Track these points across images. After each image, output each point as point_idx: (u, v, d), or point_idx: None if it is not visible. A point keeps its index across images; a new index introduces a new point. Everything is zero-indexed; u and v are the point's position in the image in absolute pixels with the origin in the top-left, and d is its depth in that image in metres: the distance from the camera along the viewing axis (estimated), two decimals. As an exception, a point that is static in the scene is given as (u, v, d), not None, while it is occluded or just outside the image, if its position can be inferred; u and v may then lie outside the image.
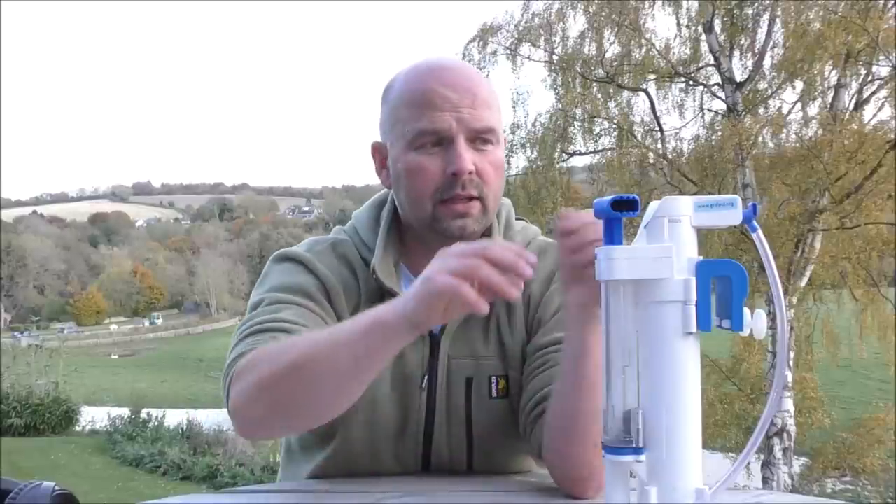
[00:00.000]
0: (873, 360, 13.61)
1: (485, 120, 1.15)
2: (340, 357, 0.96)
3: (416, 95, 1.15)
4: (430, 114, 1.13)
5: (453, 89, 1.14)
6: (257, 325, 1.13)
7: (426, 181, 1.15)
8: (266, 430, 1.09)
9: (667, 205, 0.74)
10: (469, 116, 1.14)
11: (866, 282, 10.73)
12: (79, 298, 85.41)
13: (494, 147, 1.17)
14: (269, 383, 1.01)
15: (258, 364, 1.03)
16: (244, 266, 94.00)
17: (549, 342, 1.20)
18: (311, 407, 1.02)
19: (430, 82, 1.15)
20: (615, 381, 0.74)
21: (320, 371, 0.97)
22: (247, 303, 1.25)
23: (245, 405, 1.04)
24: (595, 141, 11.81)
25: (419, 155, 1.15)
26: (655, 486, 0.71)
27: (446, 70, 1.17)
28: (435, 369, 1.22)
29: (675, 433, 0.71)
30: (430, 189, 1.15)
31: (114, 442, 13.77)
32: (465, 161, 1.13)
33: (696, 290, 0.71)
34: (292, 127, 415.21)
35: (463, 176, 1.13)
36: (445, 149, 1.14)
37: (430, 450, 1.24)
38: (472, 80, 1.17)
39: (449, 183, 1.14)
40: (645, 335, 0.73)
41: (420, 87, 1.16)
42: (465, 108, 1.13)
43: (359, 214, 1.32)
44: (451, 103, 1.13)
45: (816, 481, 10.82)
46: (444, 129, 1.13)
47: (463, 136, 1.14)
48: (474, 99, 1.14)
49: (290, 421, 1.07)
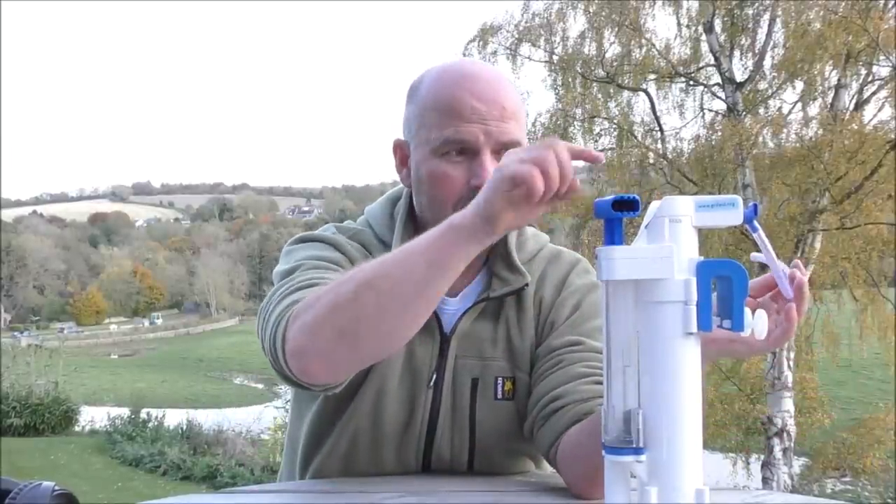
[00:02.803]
0: (873, 360, 13.62)
1: (511, 133, 1.14)
2: (416, 264, 0.94)
3: (445, 102, 1.15)
4: (457, 124, 1.13)
5: (483, 101, 1.13)
6: (301, 282, 1.10)
7: (448, 190, 1.15)
8: (334, 363, 1.02)
9: (667, 205, 0.74)
10: (496, 130, 1.13)
11: (866, 282, 10.72)
12: (79, 298, 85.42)
13: None
14: (341, 306, 0.97)
15: (322, 296, 0.99)
16: (244, 266, 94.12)
17: (562, 344, 1.20)
18: (384, 324, 0.97)
19: (461, 91, 1.14)
20: (615, 382, 0.74)
21: (395, 280, 0.95)
22: (247, 303, 1.25)
23: (311, 337, 0.99)
24: (595, 141, 11.80)
25: (443, 162, 1.15)
26: (656, 487, 0.71)
27: (477, 79, 1.16)
28: (443, 368, 1.22)
29: (676, 433, 0.71)
30: (453, 198, 1.14)
31: (114, 442, 13.76)
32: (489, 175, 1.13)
33: (697, 290, 0.71)
34: (292, 127, 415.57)
35: None
36: (470, 159, 1.14)
37: (431, 448, 1.24)
38: (503, 91, 1.16)
39: (471, 194, 1.14)
40: (645, 335, 0.73)
41: (450, 94, 1.15)
42: (493, 120, 1.13)
43: (372, 210, 1.32)
44: (479, 115, 1.13)
45: (816, 481, 10.81)
46: (470, 142, 1.13)
47: (489, 149, 1.13)
48: (503, 112, 1.14)
49: (361, 346, 0.99)
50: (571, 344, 1.19)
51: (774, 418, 10.16)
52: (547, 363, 1.20)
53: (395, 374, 1.20)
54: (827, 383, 13.20)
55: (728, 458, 11.48)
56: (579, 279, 1.28)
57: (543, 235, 1.35)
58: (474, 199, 0.93)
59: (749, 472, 11.47)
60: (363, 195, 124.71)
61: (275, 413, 14.04)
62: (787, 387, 10.24)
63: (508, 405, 1.23)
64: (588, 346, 1.19)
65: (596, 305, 1.24)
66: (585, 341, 1.20)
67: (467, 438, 1.23)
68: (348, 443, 1.23)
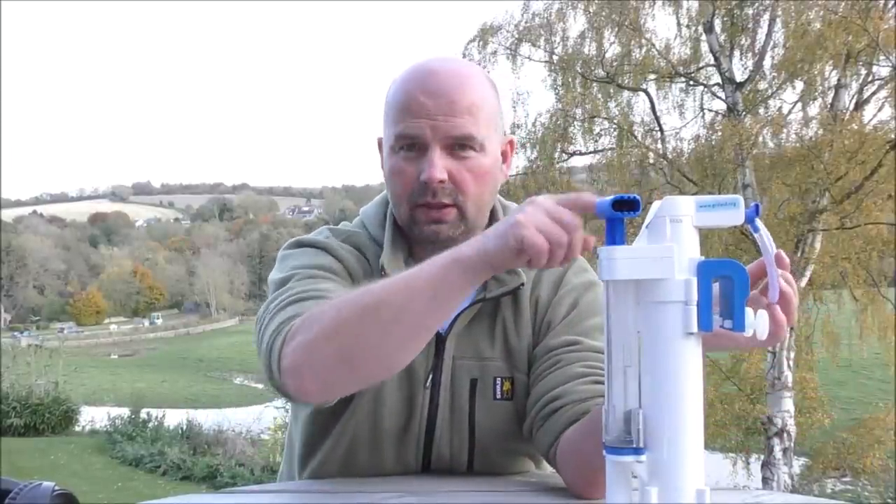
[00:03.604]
0: (873, 360, 13.62)
1: (462, 127, 1.14)
2: (418, 295, 0.95)
3: (399, 99, 1.17)
4: (407, 119, 1.15)
5: (431, 96, 1.14)
6: (298, 294, 1.11)
7: (403, 185, 1.17)
8: (330, 384, 1.03)
9: (668, 205, 0.74)
10: (445, 124, 1.14)
11: (866, 282, 10.73)
12: (79, 298, 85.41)
13: (477, 154, 1.16)
14: (341, 328, 0.98)
15: (323, 314, 1.00)
16: (244, 266, 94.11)
17: (560, 343, 1.20)
18: (384, 349, 0.98)
19: (412, 87, 1.16)
20: (616, 381, 0.74)
21: (397, 308, 0.96)
22: (247, 303, 1.25)
23: (309, 357, 1.00)
24: (595, 141, 11.81)
25: (397, 158, 1.17)
26: (657, 487, 0.71)
27: (431, 75, 1.16)
28: (439, 369, 1.22)
29: (677, 433, 0.71)
30: (406, 192, 1.17)
31: (114, 442, 13.76)
32: (434, 169, 1.13)
33: (698, 290, 0.71)
34: (292, 127, 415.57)
35: (433, 184, 1.14)
36: (421, 155, 1.15)
37: (430, 449, 1.24)
38: (456, 85, 1.15)
39: (421, 189, 1.15)
40: (646, 335, 0.72)
41: (403, 91, 1.17)
42: (440, 115, 1.13)
43: (367, 210, 1.33)
44: (426, 110, 1.14)
45: (816, 481, 10.82)
46: (418, 136, 1.14)
47: (438, 144, 1.14)
48: (452, 106, 1.14)
49: (359, 369, 1.01)
50: (569, 343, 1.19)
51: (774, 418, 10.16)
52: (545, 363, 1.20)
53: (392, 377, 1.20)
54: (827, 383, 13.19)
55: (728, 458, 11.48)
56: (576, 277, 1.27)
57: None
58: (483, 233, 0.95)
59: (749, 472, 11.47)
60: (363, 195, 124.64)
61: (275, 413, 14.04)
62: (787, 387, 10.24)
63: (507, 405, 1.22)
64: (586, 346, 1.19)
65: (593, 303, 1.24)
66: (583, 340, 1.19)
67: (467, 439, 1.23)
68: (347, 445, 1.23)
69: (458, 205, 1.16)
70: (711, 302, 0.71)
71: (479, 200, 1.19)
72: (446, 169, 1.14)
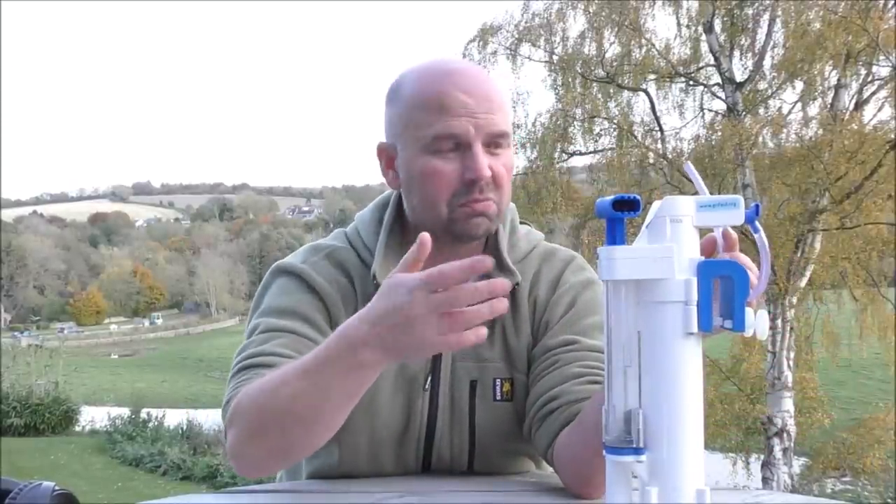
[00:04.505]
0: (873, 360, 13.63)
1: (500, 124, 1.15)
2: (327, 401, 0.99)
3: (432, 99, 1.15)
4: (446, 118, 1.13)
5: (470, 94, 1.14)
6: (248, 358, 1.16)
7: (443, 185, 1.15)
8: (266, 470, 1.13)
9: (668, 205, 0.74)
10: (486, 122, 1.14)
11: (866, 282, 10.73)
12: (79, 298, 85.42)
13: (506, 150, 1.18)
14: (260, 434, 1.05)
15: (245, 412, 1.06)
16: (244, 266, 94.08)
17: (558, 343, 1.20)
18: (306, 444, 1.07)
19: (446, 86, 1.15)
20: (616, 381, 0.74)
21: (309, 417, 1.01)
22: (247, 303, 1.26)
23: (241, 453, 1.08)
24: (595, 141, 11.82)
25: (435, 159, 1.15)
26: (657, 487, 0.71)
27: (462, 74, 1.17)
28: (438, 371, 1.22)
29: (676, 433, 0.71)
30: (447, 193, 1.15)
31: (114, 442, 13.77)
32: (484, 167, 1.13)
33: (698, 290, 0.71)
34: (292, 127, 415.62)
35: (481, 182, 1.14)
36: (462, 154, 1.14)
37: (430, 451, 1.24)
38: (487, 84, 1.17)
39: (466, 188, 1.14)
40: (646, 335, 0.72)
41: (436, 90, 1.15)
42: (481, 113, 1.14)
43: (362, 216, 1.32)
44: (468, 108, 1.13)
45: (816, 481, 10.82)
46: (461, 135, 1.13)
47: (480, 141, 1.14)
48: (490, 104, 1.15)
49: (289, 459, 1.13)
50: (567, 343, 1.19)
51: (774, 418, 10.17)
52: (543, 363, 1.20)
53: (388, 381, 1.20)
54: (827, 383, 13.19)
55: (728, 458, 11.48)
56: (574, 276, 1.27)
57: (537, 233, 1.34)
58: (378, 333, 0.92)
59: (749, 472, 11.47)
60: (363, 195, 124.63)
61: (275, 413, 14.03)
62: (787, 387, 10.25)
63: (507, 406, 1.22)
64: (584, 345, 1.18)
65: (591, 302, 1.24)
66: (581, 340, 1.19)
67: (467, 440, 1.23)
68: (346, 447, 1.22)
69: (496, 202, 1.17)
70: (711, 302, 0.71)
71: (509, 196, 1.21)
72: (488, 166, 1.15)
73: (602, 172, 12.05)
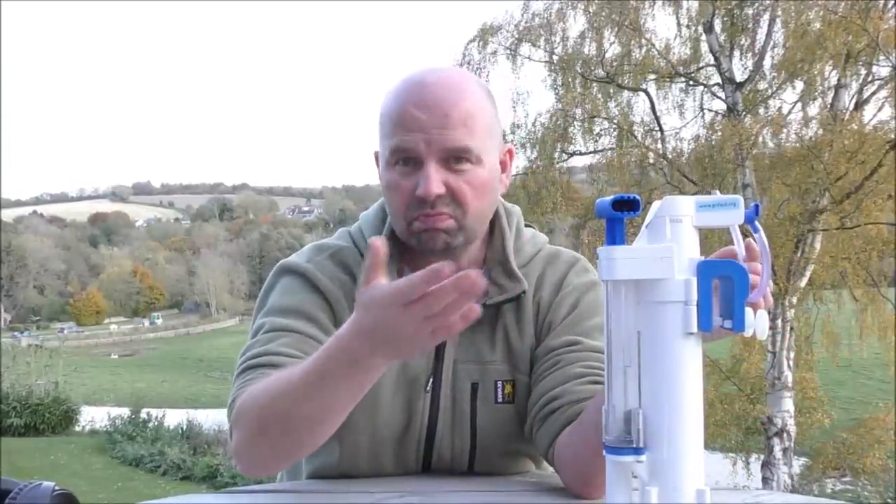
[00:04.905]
0: (873, 360, 13.62)
1: (458, 140, 1.12)
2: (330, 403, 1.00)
3: (392, 112, 1.15)
4: (402, 133, 1.13)
5: (424, 109, 1.12)
6: (253, 357, 1.17)
7: (399, 199, 1.16)
8: (270, 470, 1.15)
9: (668, 205, 0.74)
10: (440, 137, 1.12)
11: (866, 282, 10.72)
12: (79, 298, 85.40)
13: (474, 166, 1.15)
14: (263, 435, 1.06)
15: (249, 414, 1.08)
16: (244, 266, 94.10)
17: (560, 344, 1.20)
18: (308, 444, 1.08)
19: (405, 101, 1.14)
20: (616, 381, 0.74)
21: (313, 419, 1.02)
22: (247, 303, 1.26)
23: (245, 453, 1.10)
24: (595, 141, 11.81)
25: (393, 172, 1.16)
26: (657, 487, 0.71)
27: (423, 87, 1.15)
28: (440, 373, 1.22)
29: (676, 433, 0.71)
30: (403, 207, 1.15)
31: (114, 442, 13.77)
32: (430, 183, 1.11)
33: (698, 290, 0.71)
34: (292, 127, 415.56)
35: (430, 199, 1.12)
36: (417, 169, 1.14)
37: (431, 452, 1.24)
38: (449, 98, 1.13)
39: (417, 203, 1.14)
40: (646, 335, 0.72)
41: (395, 104, 1.15)
42: (435, 128, 1.12)
43: (366, 216, 1.32)
44: (420, 124, 1.12)
45: (816, 481, 10.82)
46: (412, 150, 1.13)
47: (434, 158, 1.12)
48: (446, 119, 1.12)
49: (291, 459, 1.14)
50: (569, 344, 1.19)
51: (774, 418, 10.17)
52: (545, 364, 1.20)
53: (389, 382, 1.20)
54: (827, 383, 13.19)
55: (728, 458, 11.47)
56: (577, 278, 1.27)
57: (541, 236, 1.34)
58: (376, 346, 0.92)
59: (749, 472, 11.47)
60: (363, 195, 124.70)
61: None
62: (787, 387, 10.25)
63: (509, 408, 1.22)
64: (586, 346, 1.19)
65: (594, 304, 1.24)
66: (583, 341, 1.19)
67: (468, 442, 1.23)
68: (347, 447, 1.22)
69: (455, 217, 1.15)
70: (711, 302, 0.71)
71: (479, 213, 1.18)
72: (444, 182, 1.13)
73: (602, 172, 12.05)
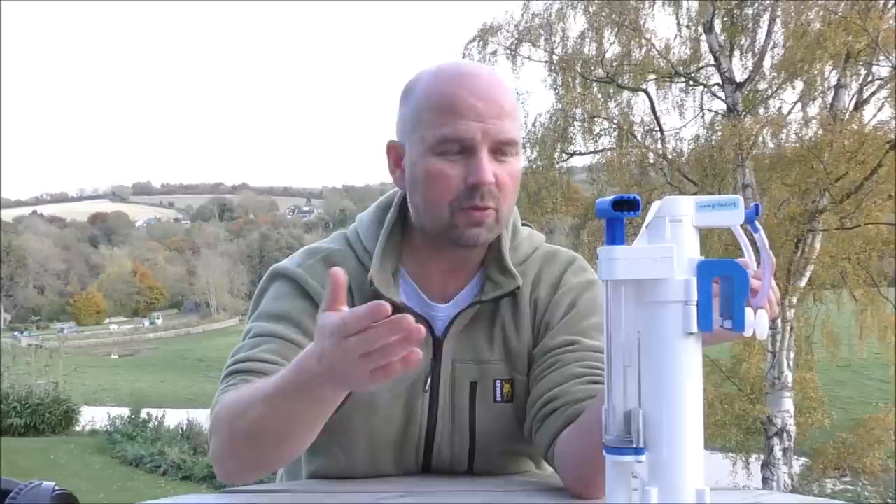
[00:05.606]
0: (873, 360, 13.62)
1: (508, 132, 1.14)
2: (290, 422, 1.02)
3: (442, 100, 1.14)
4: (455, 121, 1.13)
5: (481, 98, 1.13)
6: (237, 363, 1.18)
7: (445, 188, 1.14)
8: (244, 478, 1.16)
9: (668, 205, 0.74)
10: (494, 128, 1.13)
11: (866, 282, 10.72)
12: (79, 298, 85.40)
13: (513, 158, 1.17)
14: (234, 446, 1.09)
15: (225, 423, 1.09)
16: (244, 266, 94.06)
17: (558, 344, 1.20)
18: (276, 458, 1.11)
19: (458, 89, 1.14)
20: (616, 382, 0.74)
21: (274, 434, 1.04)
22: (247, 303, 1.27)
23: (220, 460, 1.13)
24: (595, 141, 11.82)
25: (440, 161, 1.14)
26: (656, 487, 0.71)
27: (475, 77, 1.16)
28: (438, 372, 1.22)
29: (676, 433, 0.71)
30: (449, 196, 1.14)
31: (114, 442, 13.79)
32: (487, 172, 1.12)
33: (698, 290, 0.71)
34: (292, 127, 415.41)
35: (483, 187, 1.13)
36: (467, 158, 1.13)
37: (430, 453, 1.24)
38: (500, 89, 1.16)
39: (468, 192, 1.14)
40: (646, 335, 0.72)
41: (447, 92, 1.14)
42: (490, 118, 1.13)
43: (363, 217, 1.31)
44: (477, 113, 1.12)
45: (816, 481, 10.82)
46: (468, 139, 1.13)
47: (486, 147, 1.13)
48: (500, 110, 1.14)
49: (264, 470, 1.15)
50: (567, 344, 1.19)
51: (774, 418, 10.18)
52: (543, 364, 1.20)
53: (388, 383, 1.20)
54: (827, 383, 13.20)
55: (728, 458, 11.48)
56: (574, 278, 1.27)
57: (538, 235, 1.34)
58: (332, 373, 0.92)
59: (749, 472, 11.47)
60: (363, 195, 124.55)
61: (275, 413, 14.04)
62: (787, 387, 10.26)
63: (507, 407, 1.22)
64: (584, 346, 1.19)
65: (592, 303, 1.24)
66: (581, 340, 1.19)
67: (467, 441, 1.23)
68: (346, 448, 1.22)
69: (497, 209, 1.16)
70: (711, 302, 0.71)
71: (512, 205, 1.20)
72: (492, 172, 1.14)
73: (602, 172, 12.06)
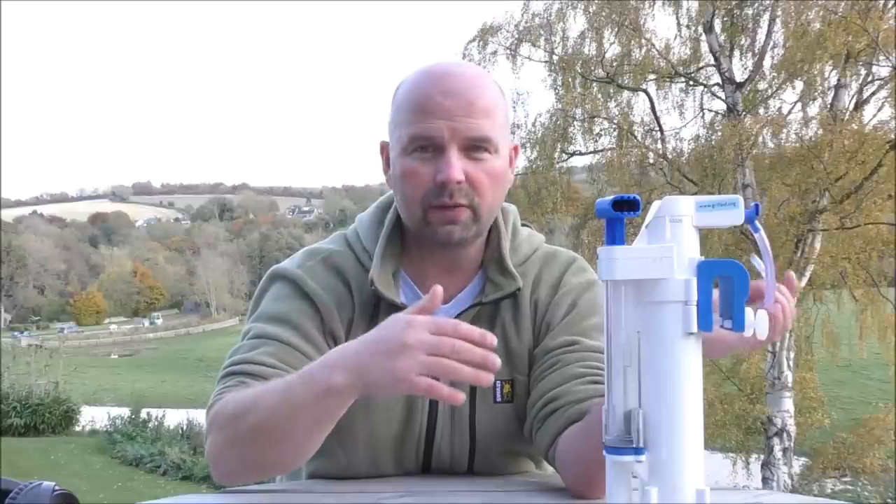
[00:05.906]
0: (873, 360, 13.62)
1: (480, 129, 1.14)
2: (300, 418, 1.01)
3: (414, 100, 1.16)
4: (424, 120, 1.14)
5: (450, 96, 1.14)
6: (234, 364, 1.17)
7: (417, 186, 1.16)
8: (240, 480, 1.15)
9: (668, 205, 0.74)
10: (463, 125, 1.13)
11: (866, 282, 10.72)
12: (79, 298, 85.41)
13: (491, 156, 1.16)
14: (234, 444, 1.08)
15: (223, 422, 1.09)
16: (244, 266, 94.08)
17: (559, 344, 1.20)
18: (276, 461, 1.10)
19: (429, 88, 1.15)
20: (616, 381, 0.74)
21: (281, 432, 1.03)
22: (247, 303, 1.27)
23: (217, 460, 1.12)
24: (595, 141, 11.82)
25: (411, 159, 1.16)
26: (656, 487, 0.71)
27: (447, 76, 1.17)
28: None
29: (676, 433, 0.71)
30: (420, 194, 1.16)
31: (114, 442, 13.78)
32: (453, 170, 1.13)
33: (698, 290, 0.71)
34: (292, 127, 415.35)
35: (450, 185, 1.13)
36: (437, 156, 1.14)
37: (430, 453, 1.24)
38: (477, 89, 1.16)
39: (437, 190, 1.14)
40: (646, 335, 0.72)
41: (418, 92, 1.16)
42: (459, 116, 1.13)
43: (362, 218, 1.32)
44: (445, 111, 1.13)
45: (816, 481, 10.82)
46: (436, 137, 1.13)
47: (456, 145, 1.13)
48: (470, 107, 1.14)
49: (262, 472, 1.14)
50: (568, 344, 1.19)
51: (774, 418, 10.17)
52: (544, 364, 1.20)
53: None
54: (827, 383, 13.19)
55: (728, 458, 11.48)
56: (575, 278, 1.27)
57: (538, 236, 1.34)
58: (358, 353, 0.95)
59: (749, 472, 11.47)
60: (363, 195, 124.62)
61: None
62: (787, 387, 10.25)
63: (507, 408, 1.22)
64: (584, 346, 1.19)
65: (592, 303, 1.24)
66: (582, 341, 1.19)
67: (467, 442, 1.23)
68: (346, 449, 1.22)
69: (472, 206, 1.16)
70: (711, 302, 0.71)
71: (493, 203, 1.19)
72: (463, 170, 1.14)
73: (602, 172, 12.06)
